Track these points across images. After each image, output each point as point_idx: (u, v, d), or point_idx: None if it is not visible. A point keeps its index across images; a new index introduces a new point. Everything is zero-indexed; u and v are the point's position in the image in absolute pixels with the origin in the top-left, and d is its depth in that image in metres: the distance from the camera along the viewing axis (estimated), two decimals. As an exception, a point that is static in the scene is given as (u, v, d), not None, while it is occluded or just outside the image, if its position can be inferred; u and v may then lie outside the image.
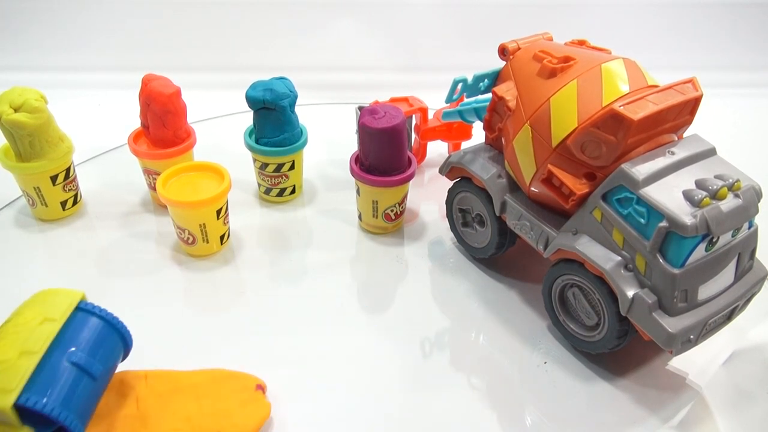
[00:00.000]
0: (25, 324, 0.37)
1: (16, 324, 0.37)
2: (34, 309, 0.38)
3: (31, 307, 0.39)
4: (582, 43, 0.52)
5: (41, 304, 0.39)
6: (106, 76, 0.96)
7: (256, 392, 0.44)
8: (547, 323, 0.53)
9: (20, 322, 0.37)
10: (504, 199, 0.53)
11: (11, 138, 0.58)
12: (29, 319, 0.38)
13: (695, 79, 0.45)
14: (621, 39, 0.96)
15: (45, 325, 0.38)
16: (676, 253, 0.41)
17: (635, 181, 0.42)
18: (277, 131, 0.63)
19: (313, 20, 1.00)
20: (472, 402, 0.47)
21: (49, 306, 0.39)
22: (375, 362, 0.50)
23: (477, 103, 0.58)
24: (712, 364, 0.51)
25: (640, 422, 0.45)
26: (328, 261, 0.60)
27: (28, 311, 0.38)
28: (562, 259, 0.48)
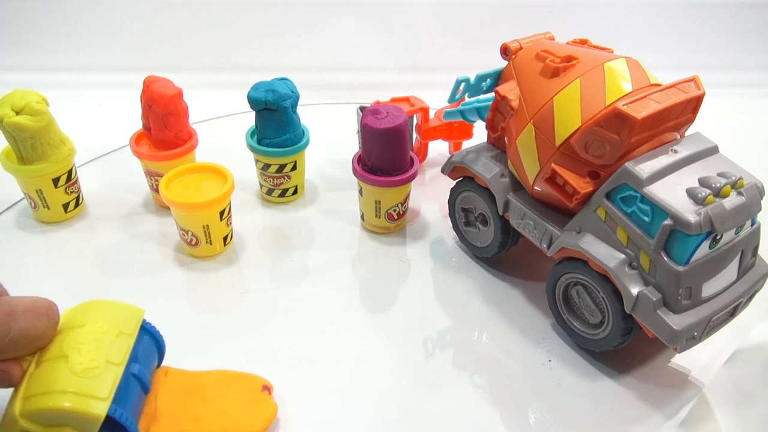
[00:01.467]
0: (105, 334, 0.37)
1: (93, 332, 0.37)
2: (108, 320, 0.38)
3: (101, 318, 0.38)
4: (584, 43, 0.52)
5: (111, 316, 0.39)
6: (107, 76, 0.96)
7: (262, 393, 0.44)
8: (550, 321, 0.53)
9: (97, 331, 0.37)
10: (507, 198, 0.53)
11: (13, 140, 0.58)
12: (107, 330, 0.37)
13: (697, 77, 0.46)
14: (622, 39, 0.97)
15: (121, 338, 0.38)
16: (680, 250, 0.41)
17: (639, 179, 0.42)
18: (279, 132, 0.63)
19: (314, 20, 1.00)
20: (475, 401, 0.47)
21: (121, 320, 0.39)
22: (379, 362, 0.50)
23: (478, 102, 0.58)
24: (715, 362, 0.51)
25: (644, 419, 0.46)
26: (331, 261, 0.60)
27: (103, 322, 0.38)
28: (566, 258, 0.49)
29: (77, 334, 0.37)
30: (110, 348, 0.37)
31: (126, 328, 0.39)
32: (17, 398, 0.34)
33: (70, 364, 0.35)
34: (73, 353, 0.35)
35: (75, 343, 0.36)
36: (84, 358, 0.35)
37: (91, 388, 0.35)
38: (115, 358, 0.37)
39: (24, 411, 0.34)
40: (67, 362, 0.35)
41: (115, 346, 0.37)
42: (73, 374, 0.35)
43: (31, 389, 0.34)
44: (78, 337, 0.37)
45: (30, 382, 0.35)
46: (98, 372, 0.35)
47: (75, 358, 0.35)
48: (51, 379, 0.34)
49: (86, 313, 0.38)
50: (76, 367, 0.35)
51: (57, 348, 0.36)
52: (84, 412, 0.34)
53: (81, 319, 0.38)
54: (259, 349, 0.50)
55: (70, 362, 0.35)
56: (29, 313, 0.34)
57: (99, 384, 0.35)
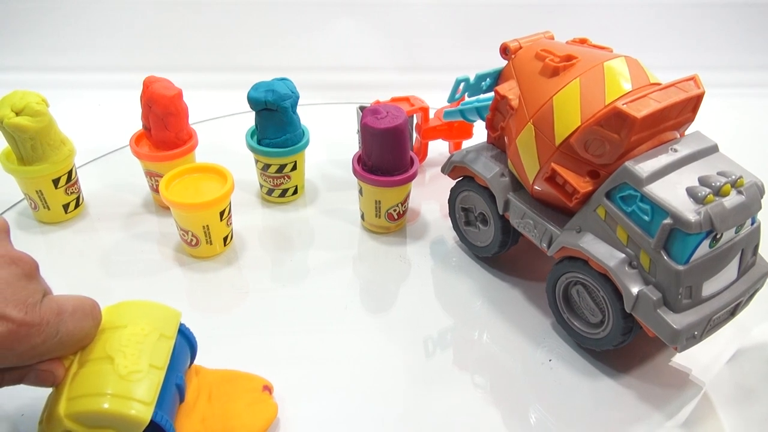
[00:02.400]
0: (146, 337, 0.37)
1: (135, 334, 0.37)
2: (149, 323, 0.38)
3: (142, 320, 0.38)
4: (583, 42, 0.52)
5: (151, 318, 0.38)
6: (107, 76, 0.96)
7: (263, 393, 0.44)
8: (551, 321, 0.53)
9: (139, 333, 0.37)
10: (507, 198, 0.53)
11: (13, 141, 0.58)
12: (147, 333, 0.37)
13: (697, 76, 0.46)
14: (622, 38, 0.96)
15: (162, 341, 0.38)
16: (680, 249, 0.41)
17: (639, 178, 0.42)
18: (279, 132, 0.63)
19: (314, 20, 1.00)
20: (476, 400, 0.47)
21: (160, 322, 0.39)
22: (379, 361, 0.50)
23: (478, 102, 0.58)
24: (716, 361, 0.51)
25: (645, 419, 0.46)
26: (331, 261, 0.60)
27: (144, 324, 0.38)
28: (566, 257, 0.49)
29: (120, 335, 0.36)
30: (153, 351, 0.37)
31: (166, 331, 0.38)
32: (61, 398, 0.34)
33: (115, 366, 0.35)
34: (117, 355, 0.35)
35: (118, 345, 0.36)
36: (128, 361, 0.35)
37: (136, 392, 0.34)
38: (158, 362, 0.37)
39: (69, 412, 0.33)
40: (112, 364, 0.35)
41: (157, 350, 0.37)
42: (119, 377, 0.34)
43: (75, 390, 0.34)
44: (121, 338, 0.36)
45: (74, 382, 0.35)
46: (142, 375, 0.35)
47: (119, 361, 0.35)
48: (96, 381, 0.34)
49: (126, 314, 0.38)
50: (121, 369, 0.35)
51: (100, 349, 0.36)
52: (129, 416, 0.34)
53: (121, 319, 0.38)
54: (260, 349, 0.50)
55: (115, 365, 0.35)
56: (77, 313, 0.34)
57: (143, 388, 0.35)
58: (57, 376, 0.34)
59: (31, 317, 0.31)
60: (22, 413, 0.44)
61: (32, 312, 0.31)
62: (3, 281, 0.31)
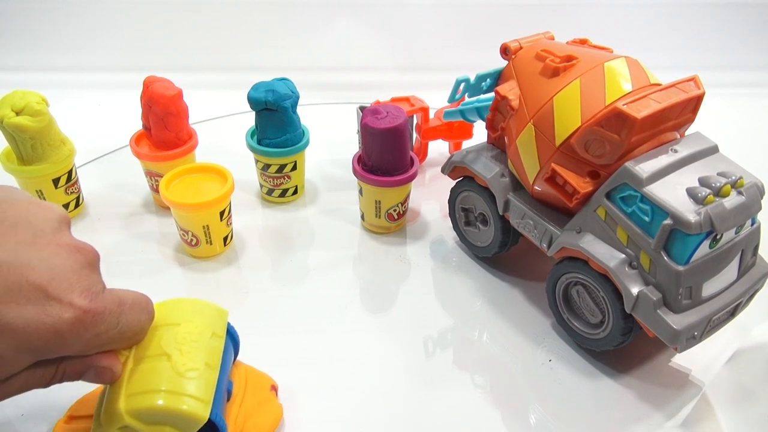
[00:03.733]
0: (200, 335, 0.37)
1: (190, 332, 0.37)
2: (201, 321, 0.38)
3: (195, 318, 0.38)
4: (583, 42, 0.52)
5: (203, 316, 0.38)
6: (107, 76, 0.96)
7: (270, 393, 0.44)
8: (551, 321, 0.53)
9: (194, 331, 0.37)
10: (507, 198, 0.53)
11: (13, 141, 0.58)
12: (201, 331, 0.37)
13: (697, 77, 0.46)
14: (622, 38, 0.97)
15: (214, 340, 0.38)
16: (680, 250, 0.41)
17: (639, 179, 0.42)
18: (279, 132, 0.63)
19: (314, 20, 1.00)
20: (476, 400, 0.47)
21: (211, 321, 0.38)
22: (379, 361, 0.50)
23: (478, 102, 0.58)
24: (716, 361, 0.51)
25: (644, 419, 0.46)
26: (331, 261, 0.60)
27: (197, 322, 0.38)
28: (566, 257, 0.49)
29: (175, 332, 0.36)
30: (207, 350, 0.37)
31: (217, 330, 0.38)
32: (121, 394, 0.34)
33: (173, 363, 0.35)
34: (174, 353, 0.35)
35: (174, 343, 0.36)
36: (185, 359, 0.35)
37: (195, 390, 0.35)
38: (212, 361, 0.37)
39: (129, 408, 0.33)
40: (170, 361, 0.35)
41: (211, 348, 0.37)
42: (178, 375, 0.34)
43: (135, 386, 0.34)
44: (176, 336, 0.36)
45: (133, 378, 0.34)
46: (199, 374, 0.35)
47: (177, 359, 0.35)
48: (156, 378, 0.34)
49: (177, 311, 0.38)
50: (180, 367, 0.35)
51: (156, 345, 0.36)
52: (189, 413, 0.34)
53: (173, 316, 0.37)
54: (259, 349, 0.50)
55: (173, 362, 0.35)
56: (135, 306, 0.34)
57: (201, 386, 0.35)
58: (115, 373, 0.34)
59: (96, 305, 0.31)
60: (22, 413, 0.44)
61: (96, 300, 0.31)
62: (69, 269, 0.31)
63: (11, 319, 0.28)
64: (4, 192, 0.32)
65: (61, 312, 0.29)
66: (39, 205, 0.32)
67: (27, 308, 0.28)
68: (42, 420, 0.43)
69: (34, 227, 0.31)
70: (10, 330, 0.28)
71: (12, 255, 0.29)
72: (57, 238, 0.31)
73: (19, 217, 0.31)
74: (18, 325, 0.28)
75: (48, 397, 0.45)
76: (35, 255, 0.30)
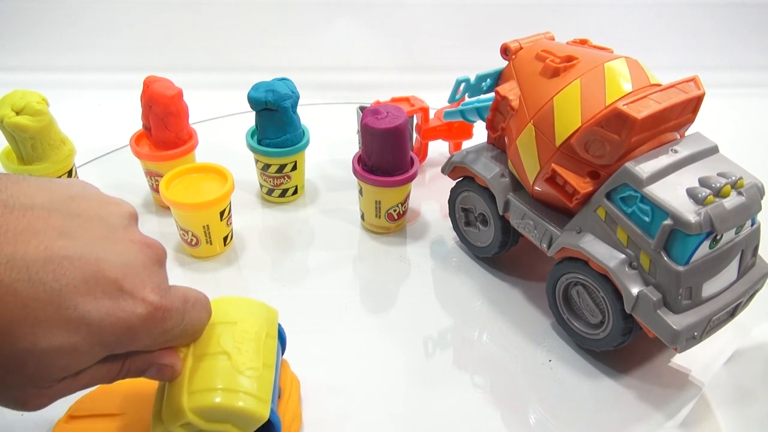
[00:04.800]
0: (257, 335, 0.37)
1: (246, 331, 0.37)
2: (256, 320, 0.38)
3: (250, 317, 0.38)
4: (584, 43, 0.52)
5: (257, 315, 0.38)
6: (107, 76, 0.96)
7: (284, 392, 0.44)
8: (551, 321, 0.53)
9: (250, 330, 0.37)
10: (507, 198, 0.53)
11: (13, 141, 0.58)
12: (257, 330, 0.37)
13: (697, 77, 0.46)
14: (622, 39, 0.96)
15: (269, 340, 0.38)
16: (680, 250, 0.41)
17: (639, 179, 0.42)
18: (279, 132, 0.63)
19: (314, 20, 1.00)
20: (476, 400, 0.47)
21: (265, 321, 0.39)
22: (379, 362, 0.50)
23: (479, 102, 0.58)
24: (715, 362, 0.51)
25: (644, 419, 0.46)
26: (331, 261, 0.60)
27: (252, 321, 0.38)
28: (566, 258, 0.49)
29: (232, 331, 0.36)
30: (264, 350, 0.37)
31: (271, 330, 0.39)
32: (183, 392, 0.34)
33: (234, 362, 0.35)
34: (233, 352, 0.35)
35: (233, 341, 0.36)
36: (245, 358, 0.35)
37: (256, 390, 0.35)
38: (269, 361, 0.37)
39: (192, 406, 0.33)
40: (230, 360, 0.35)
41: (267, 348, 0.37)
42: (239, 374, 0.35)
43: (197, 384, 0.34)
44: (234, 334, 0.36)
45: (194, 376, 0.34)
46: (259, 373, 0.35)
47: (237, 357, 0.35)
48: (218, 376, 0.34)
49: (231, 310, 0.38)
50: (240, 366, 0.35)
51: (214, 343, 0.36)
52: (252, 412, 0.34)
53: (228, 315, 0.37)
54: (260, 349, 0.50)
55: (233, 361, 0.35)
56: (197, 304, 0.34)
57: (261, 386, 0.35)
58: (176, 370, 0.34)
59: (165, 301, 0.31)
60: (22, 413, 0.44)
61: (165, 296, 0.31)
62: (141, 265, 0.31)
63: (87, 312, 0.28)
64: (77, 187, 0.32)
65: (135, 307, 0.29)
66: (110, 201, 0.33)
67: (103, 302, 0.28)
68: (42, 420, 0.43)
69: (107, 222, 0.31)
70: (86, 323, 0.28)
71: (88, 249, 0.29)
72: (128, 233, 0.32)
73: (93, 212, 0.31)
74: (94, 318, 0.28)
75: (48, 397, 0.45)
76: (110, 250, 0.30)
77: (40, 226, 0.28)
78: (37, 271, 0.27)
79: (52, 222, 0.28)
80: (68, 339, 0.27)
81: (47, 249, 0.27)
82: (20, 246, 0.27)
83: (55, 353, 0.27)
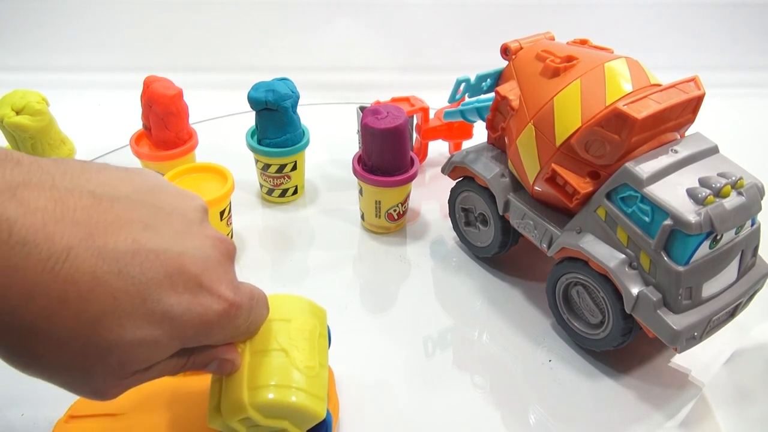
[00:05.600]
0: (311, 333, 0.37)
1: (301, 330, 0.37)
2: (309, 319, 0.38)
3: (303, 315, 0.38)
4: (584, 43, 0.52)
5: (309, 314, 0.38)
6: (107, 76, 0.95)
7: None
8: (551, 321, 0.53)
9: (305, 329, 0.37)
10: (507, 198, 0.53)
11: (13, 140, 0.58)
12: (311, 329, 0.37)
13: (697, 77, 0.46)
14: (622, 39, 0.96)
15: (321, 339, 0.38)
16: (680, 250, 0.41)
17: (639, 179, 0.42)
18: (279, 132, 0.63)
19: (314, 20, 1.00)
20: (476, 400, 0.47)
21: (317, 320, 0.39)
22: (378, 361, 0.50)
23: (479, 102, 0.58)
24: (715, 362, 0.51)
25: (644, 419, 0.46)
26: (331, 261, 0.60)
27: (305, 320, 0.38)
28: (566, 258, 0.49)
29: (288, 328, 0.36)
30: (318, 349, 0.37)
31: (322, 330, 0.39)
32: (243, 387, 0.34)
33: (292, 360, 0.35)
34: (291, 349, 0.35)
35: (289, 339, 0.36)
36: (302, 356, 0.35)
37: (316, 388, 0.35)
38: (323, 360, 0.37)
39: (253, 401, 0.33)
40: (288, 358, 0.35)
41: (321, 347, 0.37)
42: (298, 372, 0.35)
43: (258, 380, 0.34)
44: (290, 332, 0.36)
45: (253, 372, 0.34)
46: (316, 372, 0.35)
47: (295, 355, 0.35)
48: (278, 373, 0.34)
49: (284, 307, 0.38)
50: (299, 364, 0.35)
51: (273, 340, 0.36)
52: (311, 411, 0.34)
53: (281, 312, 0.37)
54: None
55: (291, 359, 0.35)
56: (260, 301, 0.34)
57: (319, 385, 0.35)
58: (236, 366, 0.34)
59: (238, 298, 0.31)
60: (22, 413, 0.44)
61: (237, 293, 0.31)
62: (215, 260, 0.31)
63: (171, 306, 0.28)
64: (153, 178, 0.32)
65: (212, 303, 0.29)
66: (186, 194, 0.32)
67: (184, 297, 0.28)
68: (42, 420, 0.43)
69: (185, 216, 0.31)
70: (169, 318, 0.28)
71: (171, 243, 0.28)
72: (204, 228, 0.31)
73: (173, 205, 0.30)
74: (176, 313, 0.28)
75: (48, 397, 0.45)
76: (189, 244, 0.29)
77: (127, 217, 0.27)
78: (126, 264, 0.26)
79: (137, 214, 0.28)
80: (151, 332, 0.27)
81: (135, 242, 0.27)
82: (110, 238, 0.26)
83: (139, 345, 0.27)
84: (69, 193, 0.26)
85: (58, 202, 0.25)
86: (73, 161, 0.28)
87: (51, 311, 0.25)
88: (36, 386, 0.44)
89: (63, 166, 0.27)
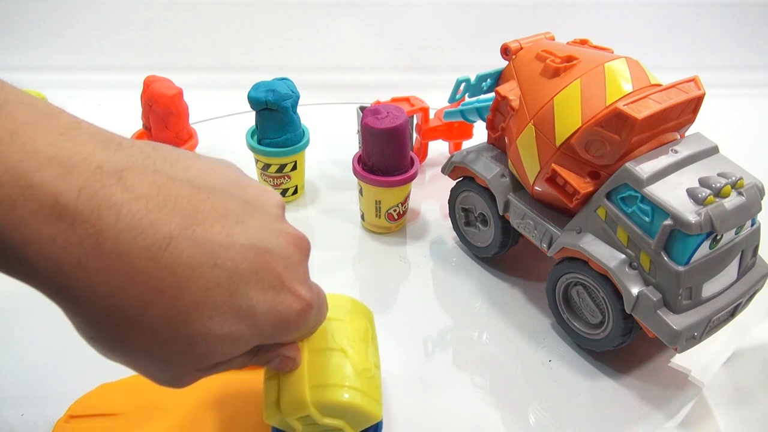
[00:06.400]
0: (365, 334, 0.37)
1: (357, 331, 0.37)
2: (362, 320, 0.38)
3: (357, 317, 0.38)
4: (584, 43, 0.52)
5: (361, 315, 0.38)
6: (107, 76, 0.95)
7: None
8: (551, 321, 0.53)
9: (360, 330, 0.37)
10: (507, 199, 0.53)
11: (13, 140, 0.58)
12: (365, 330, 0.37)
13: (697, 77, 0.46)
14: (622, 39, 0.96)
15: (374, 342, 0.38)
16: (680, 250, 0.41)
17: (639, 179, 0.42)
18: (279, 132, 0.63)
19: (314, 20, 1.00)
20: (476, 400, 0.47)
21: (369, 321, 0.39)
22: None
23: (479, 102, 0.58)
24: (715, 362, 0.51)
25: (643, 419, 0.46)
26: (331, 261, 0.60)
27: (360, 321, 0.38)
28: (567, 258, 0.49)
29: (344, 329, 0.36)
30: (372, 351, 0.37)
31: (373, 332, 0.39)
32: (304, 385, 0.34)
33: (351, 361, 0.35)
34: (349, 350, 0.35)
35: (346, 339, 0.36)
36: (360, 358, 0.35)
37: (372, 390, 0.35)
38: (377, 362, 0.37)
39: (315, 400, 0.34)
40: (347, 358, 0.35)
41: (374, 350, 0.38)
42: (358, 373, 0.35)
43: (319, 379, 0.34)
44: (346, 332, 0.36)
45: (313, 370, 0.34)
46: (372, 374, 0.36)
47: (353, 356, 0.35)
48: (339, 373, 0.34)
49: (338, 307, 0.38)
50: (358, 365, 0.35)
51: (330, 339, 0.36)
52: (370, 412, 0.34)
53: (336, 312, 0.37)
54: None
55: (350, 359, 0.35)
56: (325, 300, 0.34)
57: (375, 386, 0.36)
58: (297, 363, 0.34)
59: (313, 297, 0.31)
60: (22, 413, 0.44)
61: (312, 293, 0.31)
62: (296, 259, 0.30)
63: (256, 303, 0.28)
64: (238, 171, 0.31)
65: (291, 302, 0.29)
66: (266, 189, 0.32)
67: (268, 294, 0.28)
68: (42, 420, 0.43)
69: (268, 212, 0.30)
70: (253, 314, 0.28)
71: (258, 238, 0.28)
72: (284, 225, 0.31)
73: (258, 200, 0.30)
74: (260, 309, 0.28)
75: (48, 397, 0.45)
76: (274, 242, 0.29)
77: (222, 210, 0.27)
78: (220, 257, 0.26)
79: (230, 207, 0.28)
80: (237, 327, 0.27)
81: (228, 236, 0.27)
82: (207, 229, 0.26)
83: (224, 339, 0.27)
84: (170, 180, 0.26)
85: (161, 189, 0.25)
86: (167, 147, 0.28)
87: (148, 298, 0.24)
88: (36, 386, 0.45)
89: (161, 152, 0.27)
